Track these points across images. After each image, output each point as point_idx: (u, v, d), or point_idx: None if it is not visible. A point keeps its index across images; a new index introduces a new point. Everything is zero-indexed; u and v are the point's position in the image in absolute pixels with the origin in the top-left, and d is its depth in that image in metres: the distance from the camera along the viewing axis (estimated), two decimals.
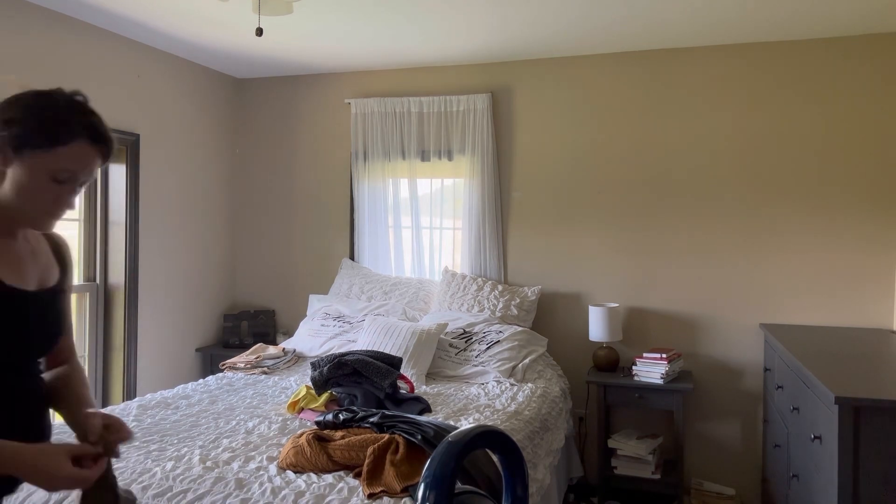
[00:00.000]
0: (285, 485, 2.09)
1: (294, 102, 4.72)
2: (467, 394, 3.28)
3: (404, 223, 4.45)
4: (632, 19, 3.45)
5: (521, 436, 2.80)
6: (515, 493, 1.11)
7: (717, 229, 3.86)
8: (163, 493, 2.06)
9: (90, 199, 3.88)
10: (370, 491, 2.02)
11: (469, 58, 4.19)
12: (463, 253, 4.27)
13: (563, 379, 3.84)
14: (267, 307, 4.77)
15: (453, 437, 1.02)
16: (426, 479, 0.99)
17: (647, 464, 3.62)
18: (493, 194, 4.20)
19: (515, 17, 3.45)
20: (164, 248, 4.20)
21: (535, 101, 4.19)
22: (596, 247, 4.08)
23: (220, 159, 4.69)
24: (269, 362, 3.76)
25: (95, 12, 3.47)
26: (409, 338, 3.61)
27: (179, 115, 4.31)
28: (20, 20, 3.28)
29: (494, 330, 3.79)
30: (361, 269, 4.45)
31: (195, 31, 3.76)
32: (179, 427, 2.69)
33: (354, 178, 4.50)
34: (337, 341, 3.94)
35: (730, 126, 3.83)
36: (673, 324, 3.94)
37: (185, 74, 4.34)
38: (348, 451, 2.24)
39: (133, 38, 3.92)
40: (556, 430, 3.35)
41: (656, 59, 3.96)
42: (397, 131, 4.39)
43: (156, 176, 4.12)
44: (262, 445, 2.46)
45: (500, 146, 4.25)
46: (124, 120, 3.89)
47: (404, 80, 4.45)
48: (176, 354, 4.31)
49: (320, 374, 3.04)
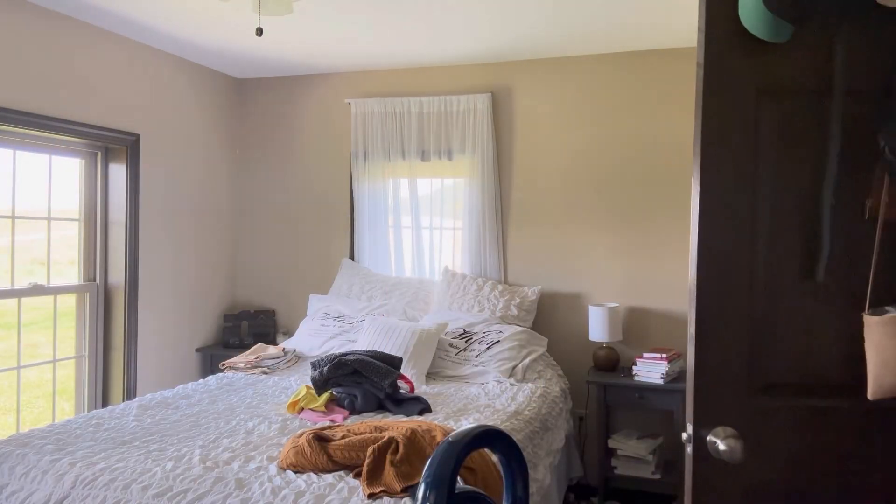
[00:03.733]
0: (285, 485, 2.09)
1: (294, 102, 4.72)
2: (467, 394, 3.28)
3: (404, 223, 4.44)
4: (633, 19, 3.45)
5: (522, 436, 2.80)
6: (516, 493, 1.11)
7: None
8: (163, 493, 2.06)
9: (90, 199, 3.88)
10: (370, 491, 2.02)
11: (469, 58, 4.19)
12: (463, 253, 4.27)
13: (563, 379, 3.84)
14: (267, 307, 4.77)
15: (453, 437, 1.02)
16: (426, 479, 0.99)
17: (647, 464, 3.62)
18: (493, 194, 4.20)
19: (515, 17, 3.45)
20: (164, 248, 4.20)
21: (535, 101, 4.19)
22: (596, 247, 4.08)
23: (220, 159, 4.69)
24: (269, 362, 3.76)
25: (95, 12, 3.46)
26: (409, 338, 3.61)
27: (179, 115, 4.31)
28: (20, 20, 3.28)
29: (494, 330, 3.79)
30: (361, 269, 4.45)
31: (195, 31, 3.76)
32: (179, 427, 2.69)
33: (354, 178, 4.50)
34: (337, 341, 3.94)
35: None
36: (673, 324, 3.94)
37: (185, 74, 4.34)
38: (348, 451, 2.24)
39: (133, 38, 3.91)
40: (556, 430, 3.35)
41: (657, 59, 3.96)
42: (397, 131, 4.39)
43: (156, 176, 4.12)
44: (262, 445, 2.46)
45: (500, 146, 4.25)
46: (124, 120, 3.89)
47: (404, 80, 4.45)
48: (176, 354, 4.31)
49: (320, 374, 3.04)
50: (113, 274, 3.91)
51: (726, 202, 1.36)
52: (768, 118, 1.37)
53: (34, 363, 3.64)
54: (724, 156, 1.35)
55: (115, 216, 3.91)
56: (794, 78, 1.36)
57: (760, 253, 1.38)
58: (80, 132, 3.59)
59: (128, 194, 3.89)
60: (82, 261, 3.87)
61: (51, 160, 3.66)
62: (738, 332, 1.37)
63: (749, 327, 1.37)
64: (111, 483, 2.13)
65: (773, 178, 1.38)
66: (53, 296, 3.67)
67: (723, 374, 1.37)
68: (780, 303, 1.38)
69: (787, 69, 1.35)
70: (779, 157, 1.38)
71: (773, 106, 1.36)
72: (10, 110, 3.22)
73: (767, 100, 1.36)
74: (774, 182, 1.38)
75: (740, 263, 1.37)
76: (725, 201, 1.36)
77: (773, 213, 1.38)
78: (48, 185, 3.66)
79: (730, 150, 1.36)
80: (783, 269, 1.38)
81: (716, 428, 1.31)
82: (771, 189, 1.38)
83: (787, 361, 1.39)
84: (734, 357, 1.37)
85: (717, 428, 1.30)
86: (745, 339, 1.37)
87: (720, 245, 1.36)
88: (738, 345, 1.37)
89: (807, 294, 1.38)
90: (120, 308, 3.90)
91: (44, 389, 3.72)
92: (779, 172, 1.38)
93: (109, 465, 2.25)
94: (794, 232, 1.39)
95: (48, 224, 3.68)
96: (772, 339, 1.38)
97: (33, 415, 3.70)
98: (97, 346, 3.89)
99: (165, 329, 4.22)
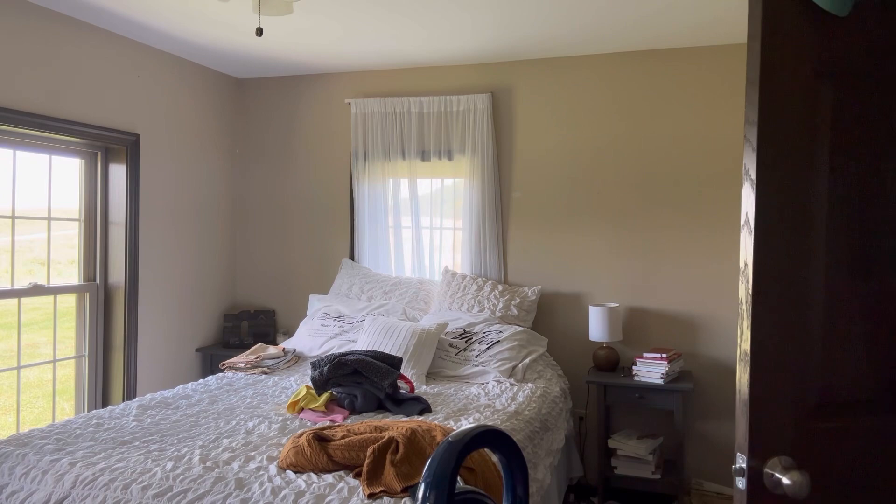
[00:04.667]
0: (285, 485, 2.09)
1: (294, 102, 4.72)
2: (467, 394, 3.28)
3: (404, 223, 4.44)
4: (632, 19, 3.45)
5: (522, 436, 2.80)
6: (516, 493, 1.11)
7: (718, 228, 3.85)
8: (163, 493, 2.06)
9: (90, 199, 3.89)
10: (370, 491, 2.02)
11: (469, 58, 4.19)
12: (463, 253, 4.27)
13: (563, 379, 3.84)
14: (267, 307, 4.77)
15: (453, 437, 1.03)
16: (426, 479, 1.00)
17: (647, 464, 3.62)
18: (493, 194, 4.20)
19: (515, 17, 3.45)
20: (164, 248, 4.20)
21: (535, 101, 4.19)
22: (596, 247, 4.08)
23: (220, 159, 4.69)
24: (269, 362, 3.76)
25: (95, 12, 3.46)
26: (409, 338, 3.61)
27: (179, 115, 4.31)
28: (20, 20, 3.28)
29: (494, 330, 3.79)
30: (361, 269, 4.45)
31: (195, 31, 3.76)
32: (179, 427, 2.69)
33: (354, 178, 4.49)
34: (337, 341, 3.94)
35: (730, 125, 3.83)
36: (673, 324, 3.94)
37: (185, 74, 4.34)
38: (348, 451, 2.24)
39: (133, 38, 3.91)
40: (557, 430, 3.35)
41: (657, 60, 3.96)
42: (397, 131, 4.39)
43: (156, 176, 4.12)
44: (262, 445, 2.46)
45: (500, 146, 4.25)
46: (124, 120, 3.89)
47: (404, 80, 4.45)
48: (176, 354, 4.31)
49: (320, 374, 3.04)
50: (113, 274, 3.91)
51: (784, 203, 1.20)
52: (826, 103, 1.21)
53: (34, 363, 3.64)
54: (784, 148, 1.19)
55: (115, 216, 3.91)
56: (854, 58, 1.21)
57: (816, 258, 1.23)
58: (80, 132, 3.59)
59: (128, 194, 3.89)
60: (82, 261, 3.87)
61: (51, 160, 3.66)
62: (796, 348, 1.21)
63: (805, 342, 1.22)
64: (111, 483, 2.13)
65: (829, 175, 1.23)
66: (53, 296, 3.67)
67: (781, 396, 1.20)
68: (836, 312, 1.24)
69: (848, 48, 1.20)
70: (834, 150, 1.22)
71: (832, 90, 1.20)
72: (10, 110, 3.22)
73: (826, 82, 1.21)
74: (830, 179, 1.23)
75: (797, 272, 1.21)
76: (784, 202, 1.20)
77: (829, 213, 1.23)
78: (48, 185, 3.66)
79: (790, 143, 1.19)
80: (840, 276, 1.24)
81: (772, 459, 1.16)
82: (827, 187, 1.23)
83: (845, 378, 1.24)
84: (792, 377, 1.21)
85: (774, 459, 1.16)
86: (804, 356, 1.22)
87: (778, 253, 1.20)
88: (797, 363, 1.21)
89: (867, 300, 1.25)
90: (120, 308, 3.90)
91: (44, 389, 3.72)
92: (835, 168, 1.23)
93: (109, 465, 2.25)
94: (852, 234, 1.24)
95: (48, 224, 3.68)
96: (829, 352, 1.23)
97: (33, 415, 3.70)
98: (97, 346, 3.89)
99: (165, 329, 4.22)
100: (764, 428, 1.18)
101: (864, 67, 1.23)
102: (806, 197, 1.22)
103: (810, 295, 1.23)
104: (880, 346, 1.25)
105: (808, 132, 1.21)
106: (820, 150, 1.23)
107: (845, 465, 1.24)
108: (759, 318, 1.19)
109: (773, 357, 1.20)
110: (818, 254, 1.23)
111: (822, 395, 1.23)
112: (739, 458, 1.19)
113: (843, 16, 1.18)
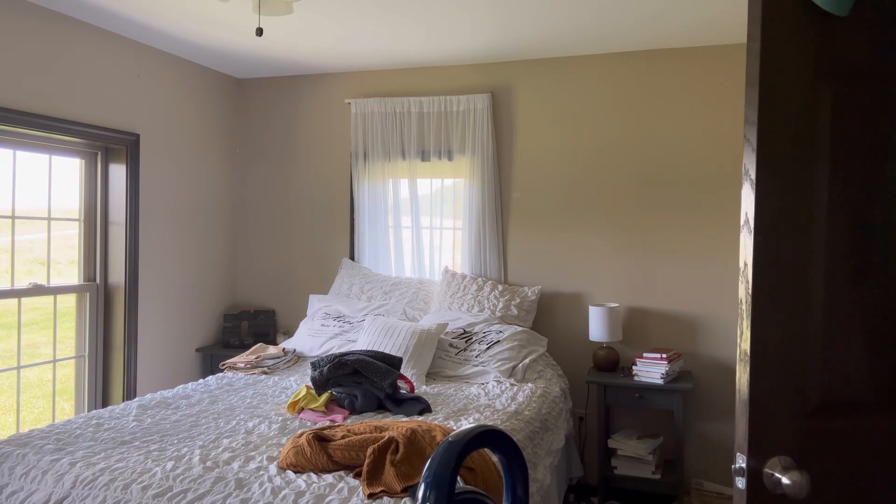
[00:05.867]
0: (285, 485, 2.09)
1: (294, 102, 4.72)
2: (467, 394, 3.28)
3: (404, 223, 4.44)
4: (632, 19, 3.45)
5: (522, 436, 2.80)
6: (516, 493, 1.11)
7: (718, 228, 3.85)
8: (163, 493, 2.06)
9: (90, 199, 3.89)
10: (370, 491, 2.02)
11: (469, 58, 4.19)
12: (463, 253, 4.27)
13: (563, 379, 3.84)
14: (267, 307, 4.77)
15: (453, 437, 1.03)
16: (426, 479, 1.00)
17: (647, 464, 3.62)
18: (493, 194, 4.20)
19: (515, 17, 3.45)
20: (164, 248, 4.20)
21: (535, 101, 4.19)
22: (596, 247, 4.08)
23: (220, 159, 4.69)
24: (269, 362, 3.76)
25: (95, 12, 3.46)
26: (409, 338, 3.61)
27: (179, 115, 4.31)
28: (20, 20, 3.28)
29: (494, 330, 3.79)
30: (361, 269, 4.45)
31: (195, 31, 3.76)
32: (179, 427, 2.69)
33: (354, 178, 4.49)
34: (337, 341, 3.94)
35: (730, 125, 3.83)
36: (673, 324, 3.94)
37: (185, 74, 4.34)
38: (348, 451, 2.24)
39: (133, 38, 3.91)
40: (557, 430, 3.35)
41: (657, 60, 3.96)
42: (397, 131, 4.39)
43: (156, 176, 4.12)
44: (262, 445, 2.46)
45: (500, 146, 4.25)
46: (124, 120, 3.89)
47: (404, 80, 4.45)
48: (176, 354, 4.31)
49: (320, 374, 3.04)
50: (113, 274, 3.91)
51: (784, 203, 1.20)
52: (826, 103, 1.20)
53: (34, 363, 3.64)
54: (784, 148, 1.19)
55: (115, 216, 3.91)
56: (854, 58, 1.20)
57: (816, 258, 1.23)
58: (80, 132, 3.59)
59: (128, 194, 3.89)
60: (82, 261, 3.87)
61: (51, 160, 3.66)
62: (796, 348, 1.21)
63: (805, 341, 1.22)
64: (111, 483, 2.13)
65: (829, 175, 1.22)
66: (53, 296, 3.67)
67: (781, 396, 1.20)
68: (836, 311, 1.23)
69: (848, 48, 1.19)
70: (834, 150, 1.21)
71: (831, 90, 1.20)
72: (10, 110, 3.22)
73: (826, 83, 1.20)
74: (830, 179, 1.22)
75: (797, 272, 1.21)
76: (784, 202, 1.20)
77: (829, 213, 1.22)
78: (48, 185, 3.66)
79: (790, 143, 1.19)
80: (839, 275, 1.23)
81: (772, 459, 1.15)
82: (827, 187, 1.22)
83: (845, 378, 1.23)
84: (792, 377, 1.21)
85: (773, 459, 1.15)
86: (804, 356, 1.21)
87: (778, 253, 1.19)
88: (797, 363, 1.20)
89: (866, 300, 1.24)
90: (120, 308, 3.90)
91: (44, 389, 3.72)
92: (835, 168, 1.23)
93: (109, 465, 2.25)
94: (852, 234, 1.23)
95: (48, 224, 3.68)
96: (828, 351, 1.22)
97: (33, 415, 3.70)
98: (97, 346, 3.89)
99: (165, 329, 4.22)
100: (764, 428, 1.18)
101: (864, 67, 1.22)
102: (806, 197, 1.21)
103: (810, 295, 1.23)
104: (880, 346, 1.24)
105: (808, 132, 1.21)
106: (820, 150, 1.22)
107: (845, 465, 1.24)
108: (759, 318, 1.18)
109: (772, 357, 1.19)
110: (818, 254, 1.23)
111: (822, 395, 1.22)
112: (739, 457, 1.19)
113: (843, 16, 1.17)
